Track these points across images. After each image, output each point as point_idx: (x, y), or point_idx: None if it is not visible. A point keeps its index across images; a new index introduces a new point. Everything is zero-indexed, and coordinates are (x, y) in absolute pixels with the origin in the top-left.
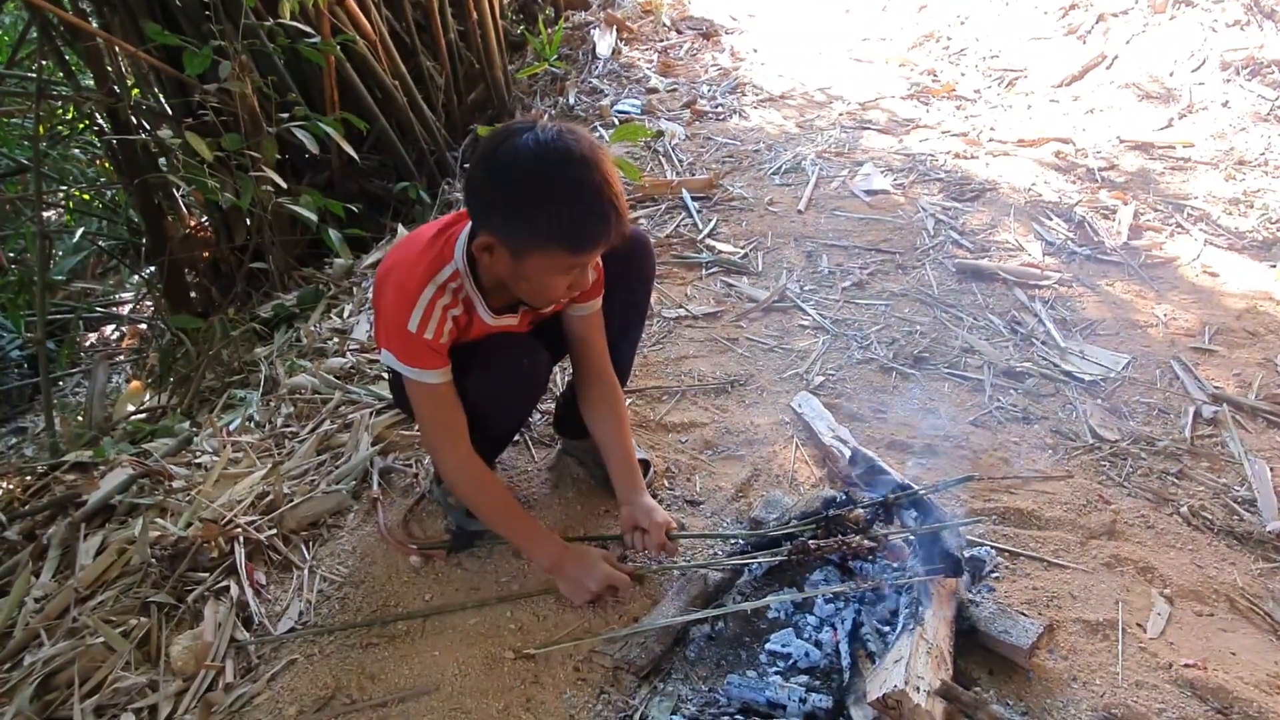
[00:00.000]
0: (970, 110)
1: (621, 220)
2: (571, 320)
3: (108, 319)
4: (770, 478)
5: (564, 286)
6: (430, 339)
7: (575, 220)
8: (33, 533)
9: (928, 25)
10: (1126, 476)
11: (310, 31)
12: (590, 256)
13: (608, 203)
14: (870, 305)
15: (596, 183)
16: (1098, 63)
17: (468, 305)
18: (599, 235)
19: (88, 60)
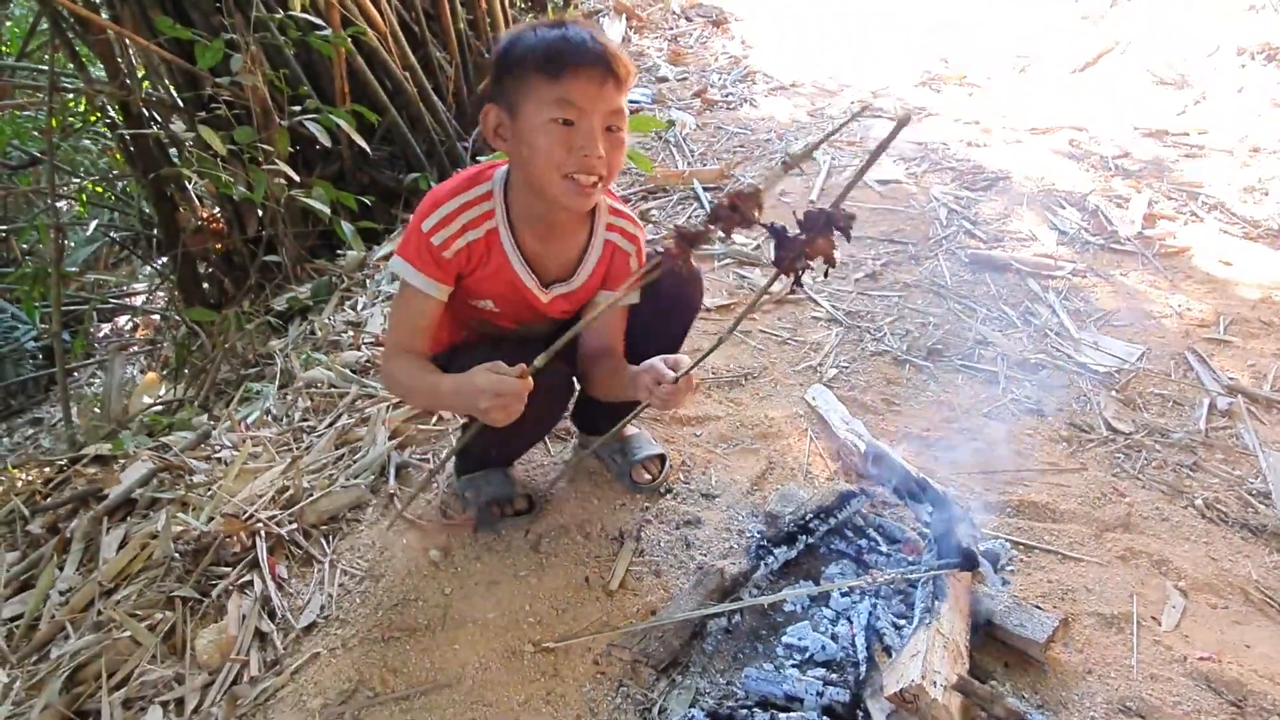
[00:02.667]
0: (982, 97)
1: (603, 45)
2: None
3: (121, 309)
4: (785, 471)
5: (562, 142)
6: (436, 245)
7: (548, 42)
8: (55, 526)
9: (940, 11)
10: (1141, 469)
11: (321, 24)
12: (574, 85)
13: (583, 29)
14: (883, 296)
15: (574, 22)
16: (1111, 49)
17: (491, 238)
18: (574, 54)
19: (98, 53)
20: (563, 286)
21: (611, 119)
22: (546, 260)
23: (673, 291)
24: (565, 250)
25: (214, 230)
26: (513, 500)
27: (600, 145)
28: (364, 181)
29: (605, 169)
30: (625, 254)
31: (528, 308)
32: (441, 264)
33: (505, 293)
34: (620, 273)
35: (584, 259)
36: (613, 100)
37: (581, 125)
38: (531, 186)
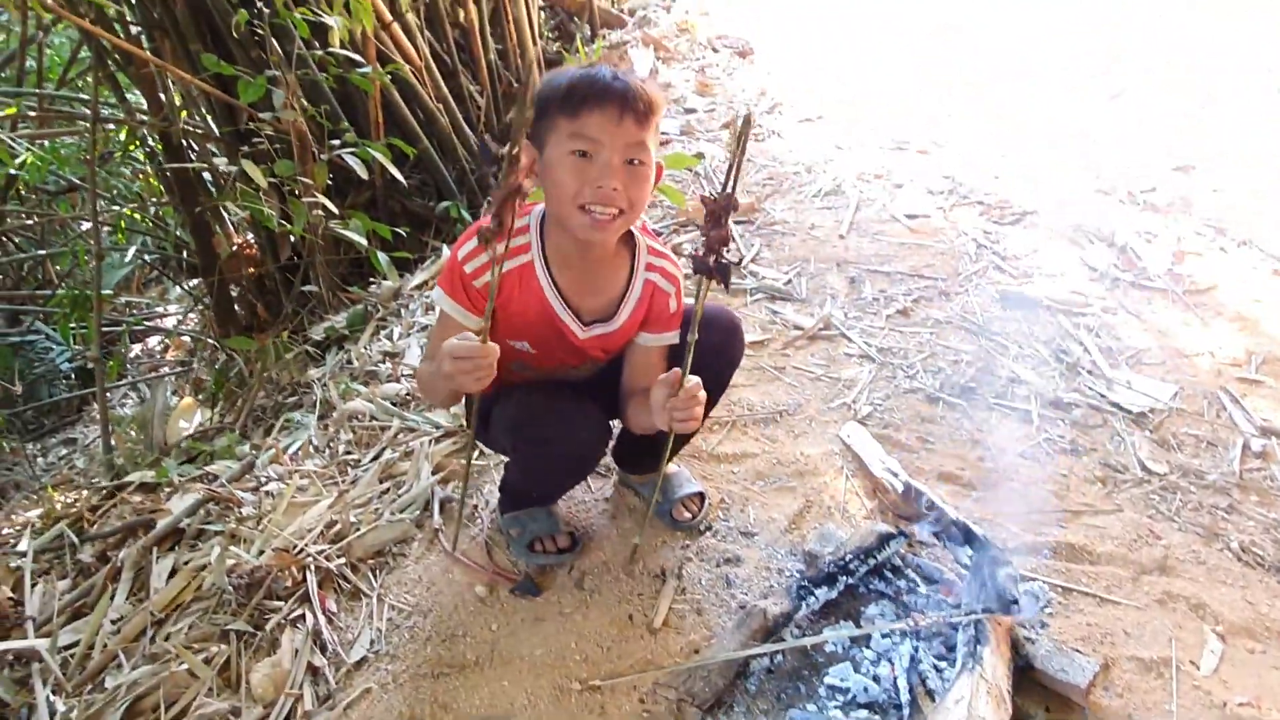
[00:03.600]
0: (1007, 130)
1: (626, 82)
2: (638, 349)
3: (155, 331)
4: (822, 509)
5: (578, 174)
6: (468, 273)
7: (571, 80)
8: (105, 554)
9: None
10: (1176, 511)
11: (360, 60)
12: (590, 120)
13: (607, 68)
14: (915, 333)
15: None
16: (1137, 83)
17: (525, 271)
18: (592, 92)
19: (140, 84)
20: (602, 327)
21: (631, 152)
22: (584, 299)
23: (714, 344)
24: (606, 290)
25: (248, 256)
26: (556, 537)
27: (617, 178)
28: (395, 209)
29: (625, 202)
30: (665, 294)
31: (564, 345)
32: (470, 292)
33: (541, 331)
34: (660, 313)
35: (625, 299)
36: (631, 134)
37: (598, 158)
38: (556, 219)
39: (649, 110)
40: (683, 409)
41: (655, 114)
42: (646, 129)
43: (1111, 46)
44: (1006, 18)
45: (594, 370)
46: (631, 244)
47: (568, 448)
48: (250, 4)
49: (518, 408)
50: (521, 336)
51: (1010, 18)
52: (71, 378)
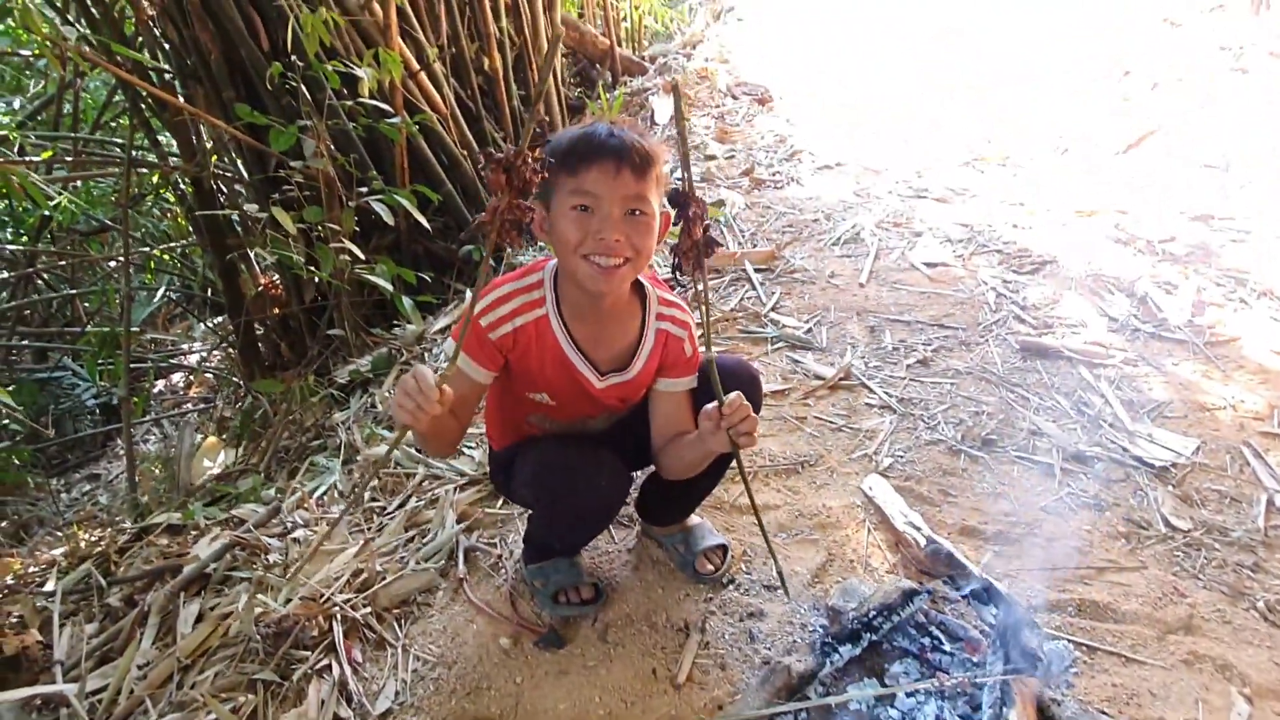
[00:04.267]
0: (1025, 178)
1: (621, 138)
2: (660, 396)
3: (180, 368)
4: (845, 563)
5: (580, 227)
6: (484, 327)
7: (571, 140)
8: (132, 598)
9: (982, 92)
10: (1201, 568)
11: (388, 110)
12: (588, 176)
13: (604, 125)
14: (936, 383)
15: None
16: (1154, 131)
17: (541, 324)
18: (588, 150)
19: (173, 130)
20: (618, 376)
21: (631, 203)
22: (599, 349)
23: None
24: (618, 340)
25: (273, 296)
26: (580, 589)
27: (618, 229)
28: (419, 251)
29: (630, 250)
30: (679, 339)
31: (583, 396)
32: (485, 345)
33: (560, 382)
34: (676, 358)
35: (639, 349)
36: (630, 186)
37: (598, 211)
38: (566, 272)
39: (645, 163)
40: (737, 419)
41: (653, 166)
42: (645, 181)
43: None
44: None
45: (611, 423)
46: (642, 294)
47: (588, 496)
48: (283, 55)
49: (538, 460)
50: (540, 388)
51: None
52: (96, 413)
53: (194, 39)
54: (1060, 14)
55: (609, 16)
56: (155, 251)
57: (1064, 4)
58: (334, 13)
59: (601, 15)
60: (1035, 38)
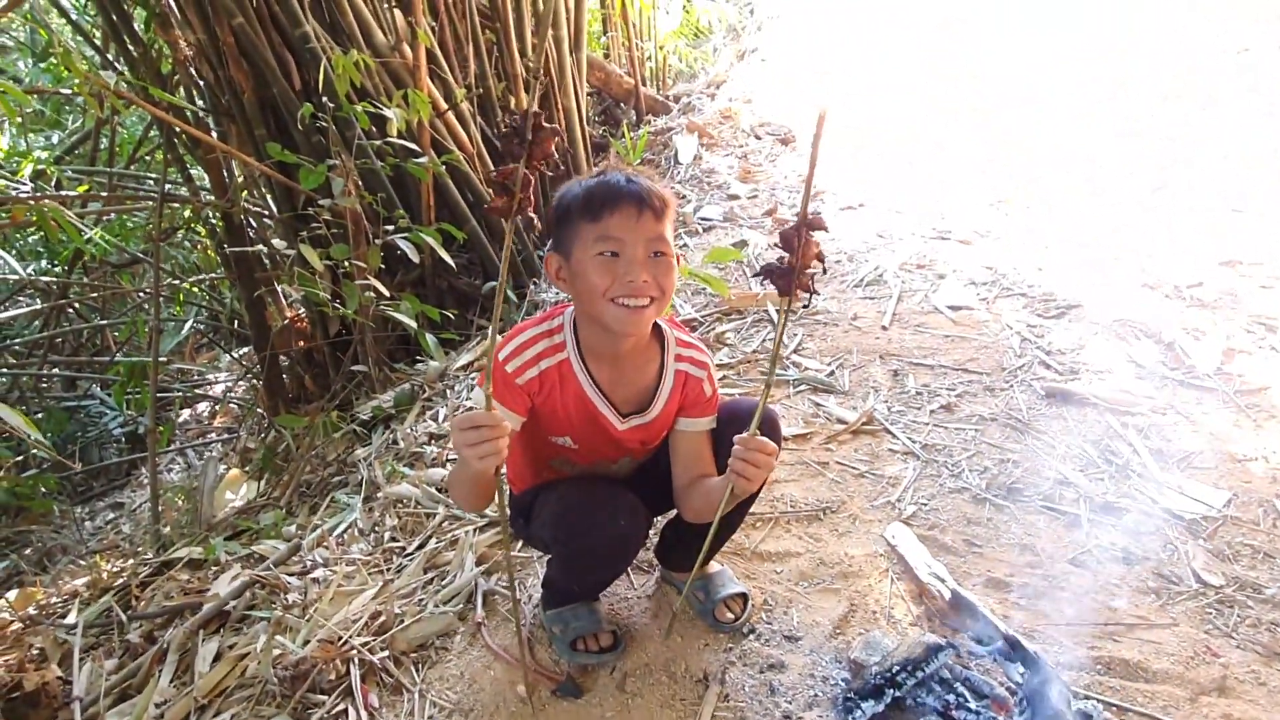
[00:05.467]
0: (1050, 221)
1: (639, 184)
2: (680, 436)
3: (205, 398)
4: (867, 614)
5: (607, 272)
6: (510, 373)
7: (588, 189)
8: (151, 635)
9: (1006, 132)
10: (1234, 626)
11: (416, 150)
12: (612, 221)
13: (619, 173)
14: (960, 430)
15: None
16: (1180, 174)
17: (564, 368)
18: (610, 196)
19: (206, 166)
20: (639, 418)
21: (654, 245)
22: (620, 391)
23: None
24: (638, 382)
25: (298, 329)
26: (599, 636)
27: (644, 270)
28: (443, 287)
29: (656, 290)
30: (697, 380)
31: (604, 439)
32: (513, 390)
33: (582, 425)
34: (695, 398)
35: (658, 390)
36: (651, 229)
37: (624, 254)
38: (589, 316)
39: (664, 205)
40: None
41: (670, 208)
42: (664, 222)
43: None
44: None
45: (632, 467)
46: (660, 336)
47: (607, 535)
48: (314, 94)
49: (558, 499)
50: (563, 432)
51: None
52: (122, 441)
53: (228, 78)
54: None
55: (634, 56)
56: (185, 285)
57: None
58: (365, 54)
59: (626, 55)
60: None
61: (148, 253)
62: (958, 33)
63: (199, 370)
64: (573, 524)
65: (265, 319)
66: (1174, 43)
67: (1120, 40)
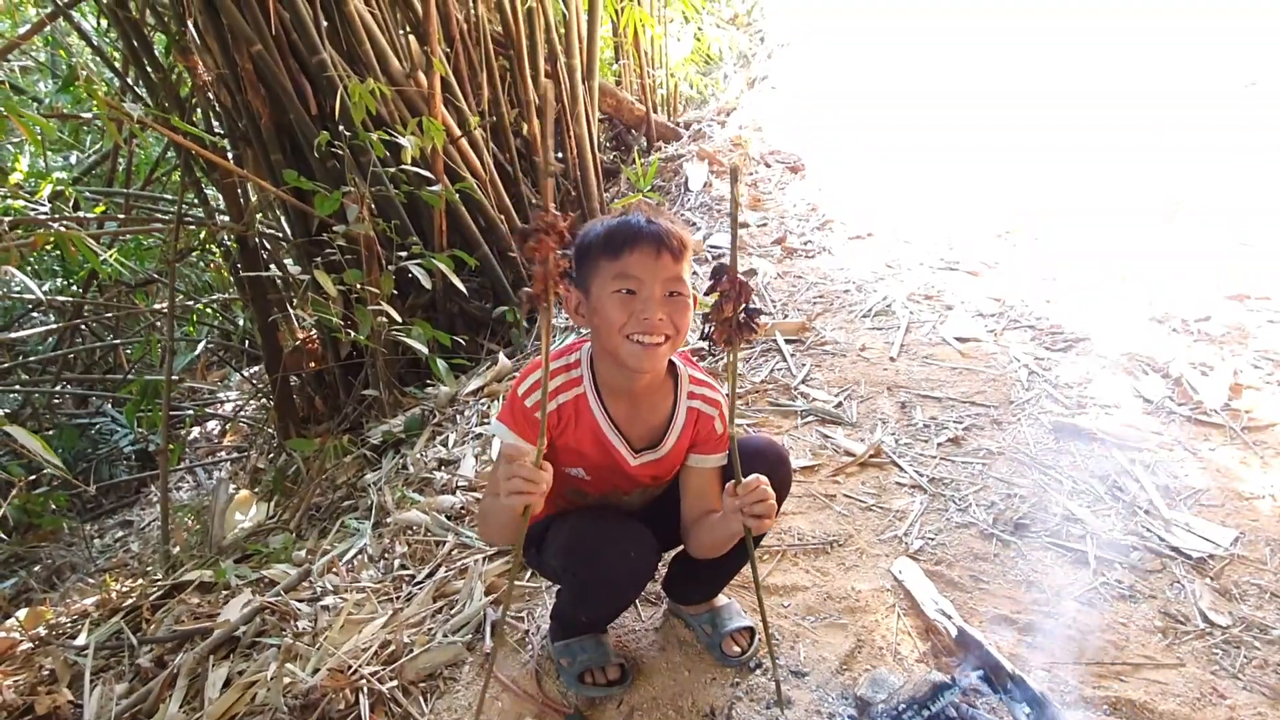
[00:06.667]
0: (1058, 252)
1: (659, 226)
2: (690, 472)
3: (218, 417)
4: (874, 650)
5: (624, 309)
6: (529, 407)
7: (610, 227)
8: (162, 659)
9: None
10: (1241, 668)
11: (430, 177)
12: (631, 260)
13: (640, 214)
14: (967, 463)
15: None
16: (1187, 206)
17: (580, 402)
18: (630, 236)
19: (222, 190)
20: (651, 454)
21: (671, 285)
22: (634, 427)
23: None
24: (651, 418)
25: (310, 351)
26: (606, 669)
27: (660, 309)
28: (453, 310)
29: (671, 329)
30: (709, 417)
31: (618, 473)
32: (531, 423)
33: (596, 458)
34: (707, 435)
35: (670, 426)
36: (669, 270)
37: (641, 293)
38: (606, 352)
39: (682, 247)
40: (752, 500)
41: (687, 250)
42: (681, 263)
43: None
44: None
45: (645, 500)
46: (675, 374)
47: (617, 566)
48: (331, 120)
49: (570, 530)
50: (577, 464)
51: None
52: (132, 459)
53: (246, 103)
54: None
55: (645, 84)
56: (199, 306)
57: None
58: (380, 82)
59: (638, 82)
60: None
61: (162, 273)
62: (969, 61)
63: (209, 389)
64: (584, 554)
65: (278, 341)
66: (1181, 76)
67: (1129, 73)
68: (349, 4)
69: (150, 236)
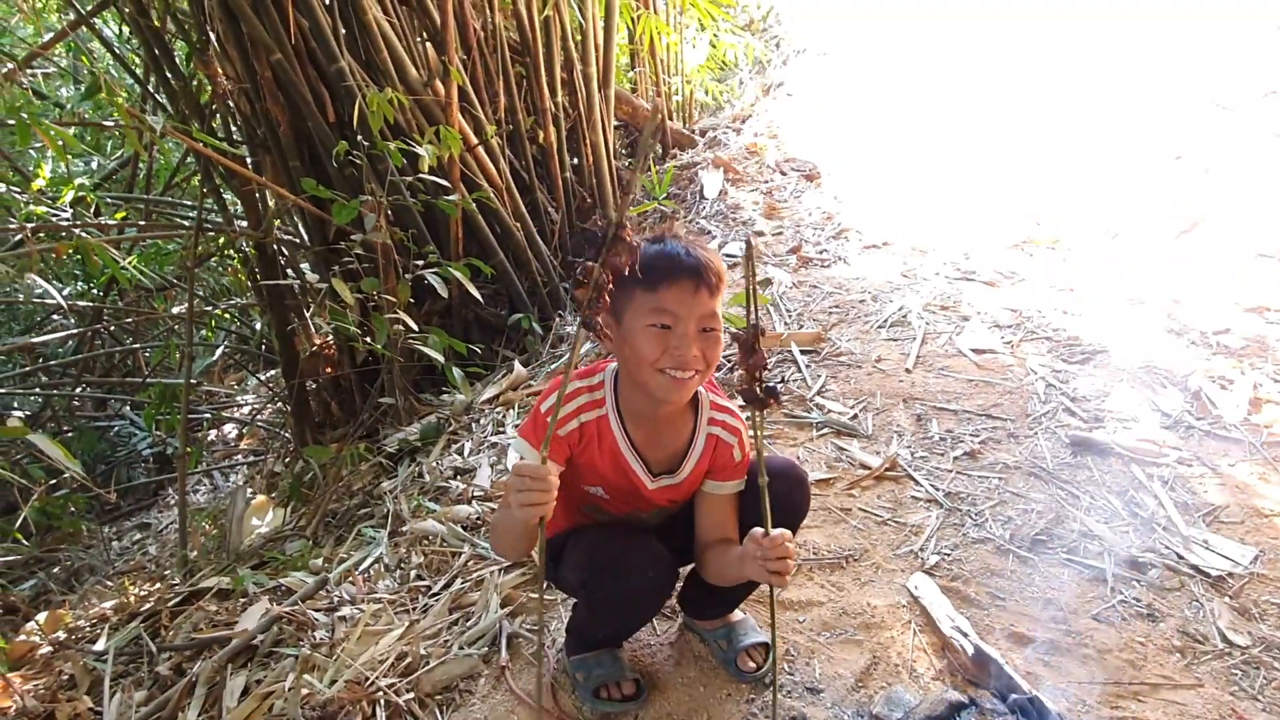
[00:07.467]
0: (1075, 263)
1: (697, 258)
2: (706, 498)
3: (234, 421)
4: (889, 667)
5: (658, 343)
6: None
7: (648, 257)
8: (180, 667)
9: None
10: (1260, 689)
11: (446, 185)
12: (668, 295)
13: (679, 244)
14: (984, 478)
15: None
16: (1207, 217)
17: (602, 423)
18: (669, 268)
19: (241, 198)
20: (669, 479)
21: (705, 321)
22: (653, 451)
23: (780, 494)
24: (671, 443)
25: (326, 356)
26: (621, 684)
27: (693, 346)
28: (469, 317)
29: (703, 364)
30: (728, 445)
31: (635, 495)
32: (553, 439)
33: (615, 479)
34: (724, 463)
35: (689, 452)
36: (705, 305)
37: (677, 329)
38: (634, 382)
39: (719, 282)
40: (774, 556)
41: (724, 284)
42: (717, 299)
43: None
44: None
45: (663, 517)
46: (695, 400)
47: (636, 584)
48: (349, 128)
49: (589, 546)
50: (596, 483)
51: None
52: (150, 462)
53: (265, 111)
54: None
55: (661, 91)
56: (217, 311)
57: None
58: (398, 91)
59: (654, 89)
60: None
61: (181, 278)
62: (986, 64)
63: (226, 392)
64: (603, 570)
65: (295, 346)
66: (1200, 85)
67: (1146, 81)
68: (368, 13)
69: (170, 242)
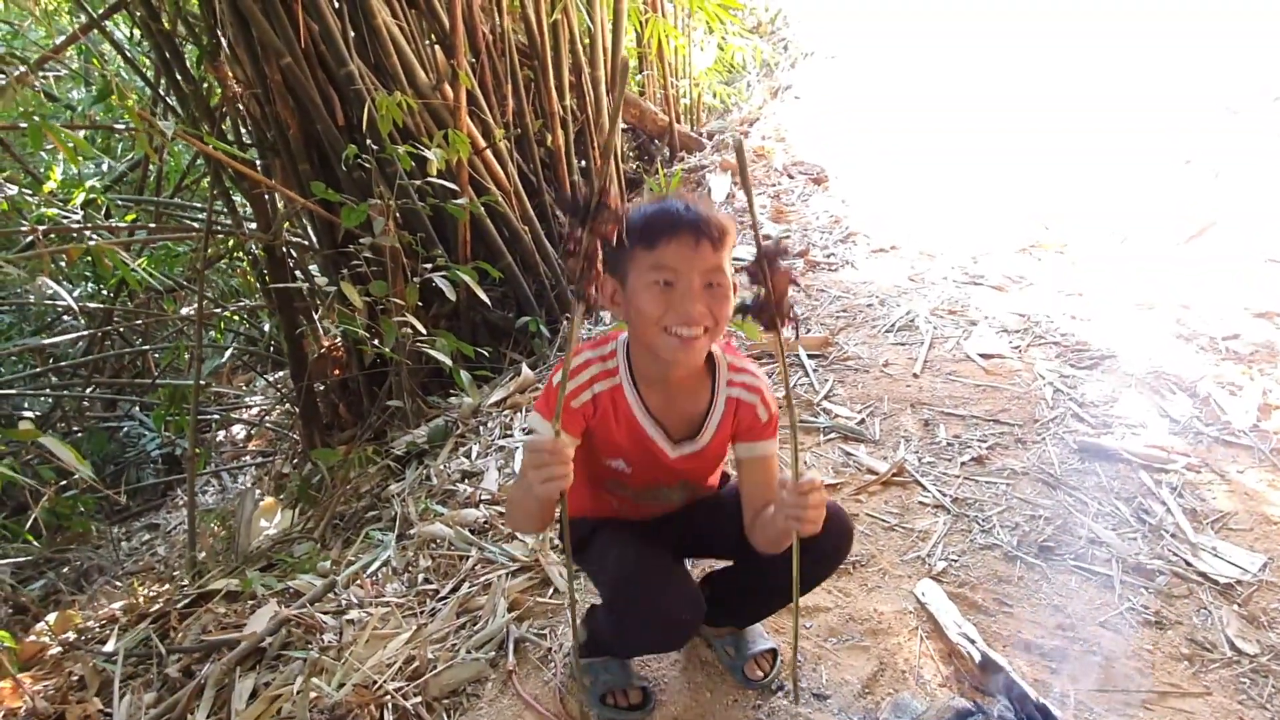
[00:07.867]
0: (1084, 268)
1: (697, 213)
2: (744, 464)
3: (243, 422)
4: (896, 673)
5: (661, 301)
6: (565, 395)
7: (646, 216)
8: (189, 669)
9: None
10: (1269, 698)
11: (455, 189)
12: (667, 251)
13: (678, 201)
14: (991, 483)
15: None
16: (1216, 222)
17: (616, 393)
18: (667, 224)
19: (250, 200)
20: (690, 445)
21: (710, 276)
22: (671, 417)
23: (827, 550)
24: (689, 409)
25: (335, 357)
26: (628, 692)
27: (698, 302)
28: (476, 319)
29: (710, 320)
30: (750, 405)
31: (657, 465)
32: (568, 412)
33: (634, 450)
34: (749, 423)
35: (709, 416)
36: (708, 259)
37: (679, 285)
38: (642, 343)
39: (722, 235)
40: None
41: (728, 237)
42: (721, 252)
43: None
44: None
45: (687, 494)
46: (712, 362)
47: (665, 620)
48: (358, 131)
49: (620, 561)
50: (617, 455)
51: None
52: (159, 462)
53: (274, 114)
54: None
55: (668, 94)
56: (226, 313)
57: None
58: (407, 95)
59: (661, 92)
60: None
61: (191, 280)
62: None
63: (235, 393)
64: (633, 596)
65: (303, 348)
66: (1210, 88)
67: (1156, 84)
68: (377, 16)
69: (180, 244)
